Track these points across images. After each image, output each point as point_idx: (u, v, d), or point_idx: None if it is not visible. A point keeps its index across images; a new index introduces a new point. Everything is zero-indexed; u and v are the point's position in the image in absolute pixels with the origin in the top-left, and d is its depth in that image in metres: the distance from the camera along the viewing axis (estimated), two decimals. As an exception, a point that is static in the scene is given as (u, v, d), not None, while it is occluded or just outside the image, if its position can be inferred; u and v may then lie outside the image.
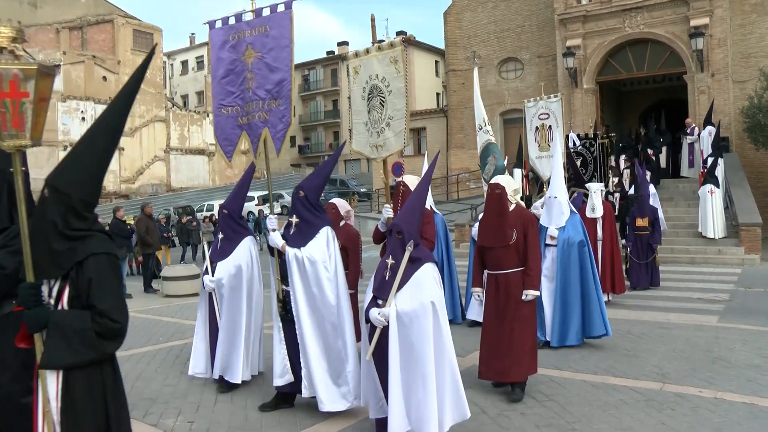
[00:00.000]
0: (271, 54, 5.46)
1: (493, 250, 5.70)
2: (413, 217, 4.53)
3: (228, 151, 5.89)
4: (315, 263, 5.06)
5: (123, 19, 40.64)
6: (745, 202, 17.05)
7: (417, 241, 4.42)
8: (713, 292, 11.42)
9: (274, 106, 5.48)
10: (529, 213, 5.83)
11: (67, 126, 36.95)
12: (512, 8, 27.39)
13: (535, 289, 5.67)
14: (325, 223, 5.31)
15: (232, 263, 6.12)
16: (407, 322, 4.19)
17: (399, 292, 4.28)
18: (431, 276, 4.33)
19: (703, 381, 5.98)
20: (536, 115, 11.21)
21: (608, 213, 10.45)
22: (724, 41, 21.46)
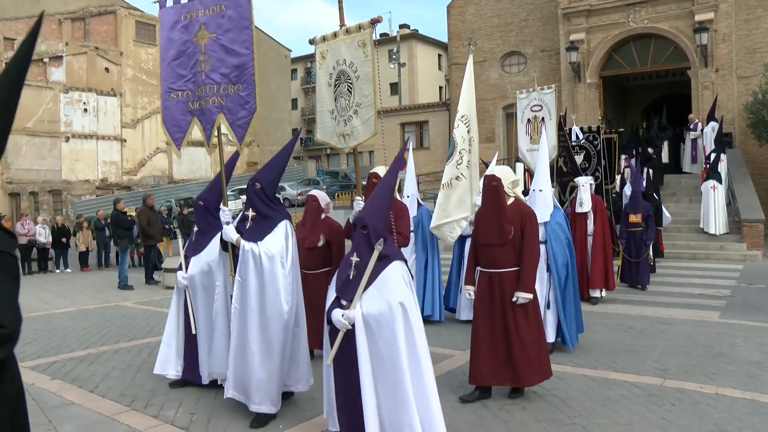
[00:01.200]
0: (227, 35, 5.09)
1: (488, 247, 5.28)
2: (380, 211, 4.16)
3: (177, 139, 5.49)
4: (273, 258, 4.81)
5: (126, 10, 40.53)
6: (748, 198, 17.02)
7: (385, 236, 4.07)
8: (715, 288, 11.41)
9: (233, 91, 5.10)
10: (528, 207, 5.44)
11: (70, 117, 36.92)
12: (516, 2, 27.29)
13: (528, 291, 5.18)
14: (284, 216, 5.04)
15: (205, 259, 5.75)
16: (374, 326, 3.87)
17: (365, 292, 3.93)
18: (400, 275, 3.99)
19: (704, 377, 5.98)
20: (528, 106, 10.95)
21: (599, 207, 10.17)
22: (729, 36, 21.38)
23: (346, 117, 5.85)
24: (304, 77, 58.93)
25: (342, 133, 5.93)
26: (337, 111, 5.95)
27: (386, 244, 4.04)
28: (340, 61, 5.82)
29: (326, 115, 6.09)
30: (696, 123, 20.20)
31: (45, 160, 35.37)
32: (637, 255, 11.43)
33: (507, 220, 5.17)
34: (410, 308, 3.92)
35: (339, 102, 5.94)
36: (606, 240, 10.09)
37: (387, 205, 4.22)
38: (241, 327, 4.87)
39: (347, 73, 5.80)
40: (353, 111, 5.79)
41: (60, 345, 8.04)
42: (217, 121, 5.18)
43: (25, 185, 34.26)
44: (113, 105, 38.89)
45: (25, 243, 18.22)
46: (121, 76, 39.52)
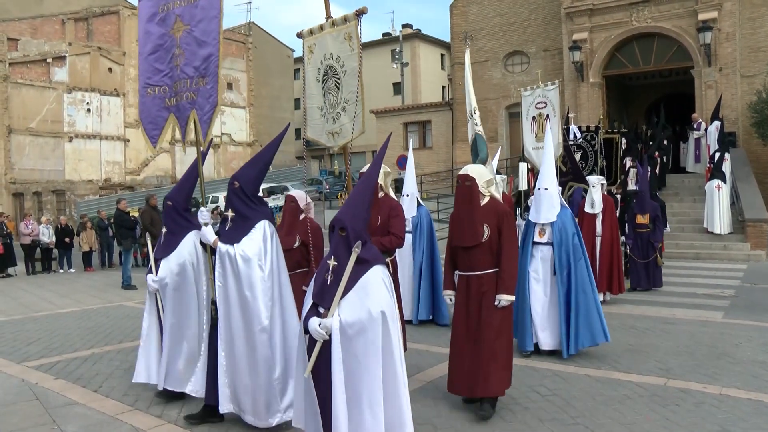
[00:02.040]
0: (199, 27, 4.89)
1: (464, 250, 5.07)
2: (359, 211, 3.89)
3: (153, 136, 5.23)
4: (249, 261, 4.59)
5: (128, 10, 40.53)
6: (752, 198, 16.99)
7: (365, 238, 3.81)
8: (718, 287, 11.38)
9: (202, 85, 4.89)
10: (504, 207, 5.18)
11: (73, 117, 36.96)
12: (518, 1, 27.25)
13: (510, 293, 4.97)
14: (263, 216, 4.81)
15: (175, 261, 5.47)
16: (352, 335, 3.63)
17: (343, 299, 3.69)
18: (381, 280, 3.74)
19: (708, 377, 5.96)
20: (533, 104, 10.60)
21: (609, 208, 9.97)
22: (733, 35, 21.32)
23: (335, 114, 5.63)
24: (307, 77, 58.85)
25: (331, 131, 5.70)
26: (326, 108, 5.72)
27: (366, 247, 3.79)
28: (327, 55, 5.61)
29: (315, 112, 5.88)
30: (699, 122, 20.16)
31: (48, 160, 35.42)
32: (644, 257, 11.20)
33: (480, 222, 4.97)
34: (391, 317, 3.71)
35: (327, 98, 5.70)
36: (615, 242, 9.96)
37: (367, 205, 3.97)
38: (227, 334, 4.69)
39: (334, 68, 5.58)
40: (341, 108, 5.56)
41: (63, 345, 8.06)
42: (190, 117, 4.96)
43: (28, 185, 34.31)
44: (116, 105, 38.92)
45: (28, 243, 18.27)
46: (124, 76, 39.54)
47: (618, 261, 9.96)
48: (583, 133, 12.46)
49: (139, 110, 5.39)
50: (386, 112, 33.19)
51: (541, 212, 6.80)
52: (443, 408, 5.24)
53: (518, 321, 6.57)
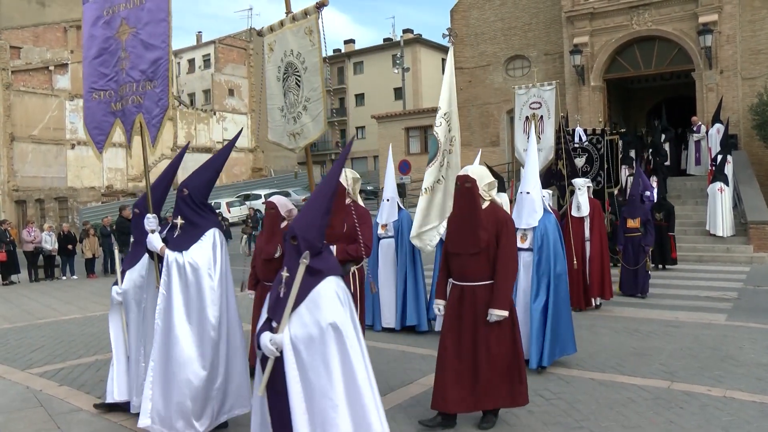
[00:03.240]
0: (146, 29, 4.77)
1: (459, 257, 4.73)
2: (313, 218, 3.67)
3: (99, 142, 5.07)
4: (197, 270, 4.46)
5: (130, 17, 40.70)
6: (754, 200, 16.97)
7: (318, 248, 3.61)
8: (721, 290, 11.36)
9: (149, 88, 4.76)
10: (505, 213, 4.86)
11: (75, 125, 37.04)
12: (519, 5, 27.29)
13: (503, 308, 4.60)
14: (212, 224, 4.70)
15: (139, 272, 5.24)
16: (304, 352, 3.44)
17: (294, 312, 3.50)
18: (333, 292, 3.55)
19: (712, 379, 5.96)
20: (527, 103, 10.34)
21: (596, 211, 9.68)
22: (734, 38, 21.33)
23: (295, 114, 5.36)
24: (308, 83, 58.99)
25: (292, 132, 5.43)
26: (286, 107, 5.45)
27: (320, 257, 3.60)
28: (288, 52, 5.34)
29: (276, 113, 5.60)
30: (699, 125, 20.16)
31: (51, 167, 35.51)
32: (635, 262, 10.82)
33: (482, 227, 4.63)
34: (346, 330, 3.50)
35: (288, 97, 5.43)
36: (603, 246, 9.68)
37: (322, 213, 3.72)
38: (164, 345, 4.47)
39: (295, 65, 5.31)
40: (302, 107, 5.30)
41: (67, 351, 8.07)
42: (136, 122, 4.83)
43: (31, 192, 34.39)
44: (118, 112, 38.98)
45: (31, 250, 18.30)
46: (126, 83, 39.61)
47: (607, 265, 9.76)
48: (588, 136, 12.27)
49: (84, 115, 5.23)
50: (387, 117, 33.22)
51: (523, 217, 6.54)
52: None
53: None
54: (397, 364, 6.72)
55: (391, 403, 5.36)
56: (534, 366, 6.17)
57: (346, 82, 56.57)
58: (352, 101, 56.37)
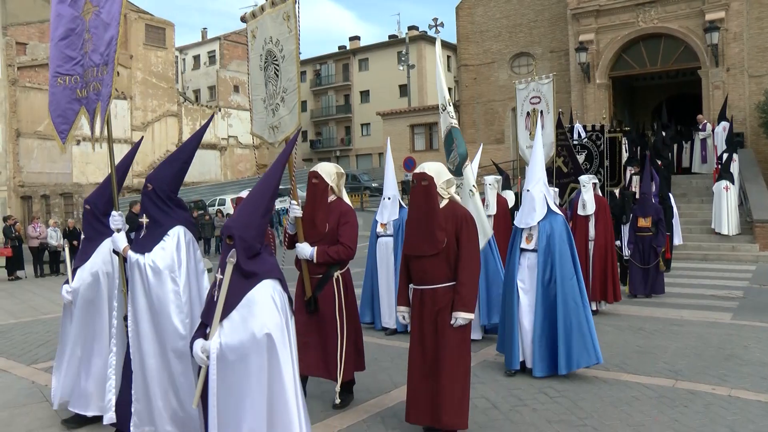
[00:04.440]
0: (105, 7, 4.40)
1: (419, 260, 4.45)
2: (253, 216, 3.45)
3: (63, 131, 4.69)
4: (159, 273, 4.12)
5: (135, 14, 40.75)
6: (760, 199, 16.91)
7: (256, 249, 3.39)
8: (727, 289, 11.32)
9: (105, 73, 4.41)
10: (464, 210, 4.57)
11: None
12: (524, 3, 27.24)
13: (468, 310, 4.33)
14: (178, 222, 4.32)
15: (88, 270, 4.91)
16: (233, 361, 3.22)
17: (225, 318, 3.27)
18: (269, 297, 3.30)
19: (717, 378, 5.94)
20: (527, 98, 10.07)
21: (602, 209, 9.25)
22: (740, 35, 21.24)
23: (274, 105, 5.09)
24: (313, 79, 59.13)
25: (272, 125, 5.13)
26: (267, 99, 5.16)
27: (257, 259, 3.38)
28: (267, 39, 5.06)
29: (260, 104, 5.28)
30: (705, 123, 20.09)
31: (56, 163, 35.59)
32: (646, 262, 10.52)
33: (439, 227, 4.35)
34: (279, 339, 3.26)
35: (268, 88, 5.14)
36: (609, 246, 9.26)
37: (263, 211, 3.49)
38: (137, 352, 4.23)
39: (274, 54, 5.03)
40: (280, 98, 5.00)
41: (72, 347, 8.07)
42: (96, 110, 4.46)
43: (36, 188, 34.48)
44: (123, 108, 39.09)
45: (36, 246, 18.36)
46: (130, 80, 39.72)
47: (613, 266, 9.28)
48: (588, 133, 12.02)
49: (49, 102, 4.77)
50: (392, 114, 33.22)
51: (522, 215, 6.31)
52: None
53: (505, 336, 6.25)
54: (401, 360, 6.69)
55: (395, 399, 5.36)
56: (543, 374, 5.95)
57: (351, 79, 56.53)
58: (357, 98, 56.34)
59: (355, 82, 56.36)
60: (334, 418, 5.03)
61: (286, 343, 3.32)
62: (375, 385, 5.81)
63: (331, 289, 5.10)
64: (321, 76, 59.34)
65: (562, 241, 6.14)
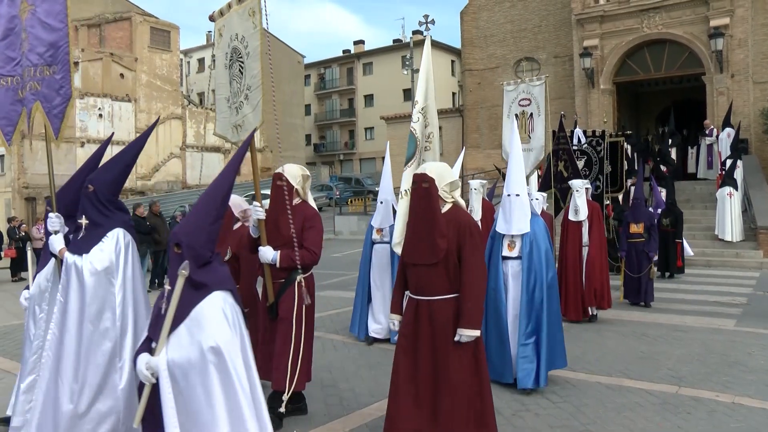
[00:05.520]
0: (43, 6, 4.27)
1: (416, 268, 4.13)
2: (203, 222, 3.20)
3: (8, 133, 4.58)
4: (97, 275, 4.03)
5: (140, 16, 40.90)
6: (764, 205, 16.86)
7: (206, 257, 3.15)
8: (730, 295, 11.29)
9: (48, 74, 4.29)
10: (468, 217, 4.24)
11: (85, 123, 37.26)
12: (529, 8, 27.26)
13: (474, 327, 3.99)
14: (117, 224, 4.23)
15: (44, 275, 4.69)
16: (181, 379, 2.99)
17: (173, 333, 3.05)
18: (219, 310, 3.07)
19: (720, 385, 5.92)
20: (516, 100, 9.84)
21: (595, 215, 9.06)
22: (745, 41, 21.21)
23: (238, 104, 4.95)
24: (317, 83, 59.26)
25: (235, 124, 5.01)
26: (231, 97, 5.05)
27: (207, 269, 3.14)
28: (233, 37, 4.94)
29: (223, 103, 5.18)
30: (711, 129, 20.07)
31: (60, 165, 35.60)
32: (638, 269, 10.17)
33: (440, 234, 4.03)
34: (231, 354, 3.02)
35: (232, 86, 5.03)
36: (603, 252, 9.09)
37: (213, 218, 3.26)
38: (56, 358, 4.02)
39: (239, 51, 4.90)
40: (244, 96, 4.87)
41: (74, 348, 8.07)
42: (33, 111, 4.36)
43: (40, 190, 34.55)
44: (128, 110, 39.21)
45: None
46: (135, 82, 39.83)
47: (607, 273, 9.15)
48: (588, 138, 11.81)
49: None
50: (396, 119, 33.23)
51: (513, 222, 5.92)
52: None
53: (493, 349, 5.82)
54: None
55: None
56: (528, 386, 5.67)
57: (356, 83, 56.64)
58: (361, 102, 56.43)
59: (359, 86, 56.46)
60: (337, 422, 5.03)
61: (239, 358, 3.06)
62: (378, 388, 5.80)
63: (291, 294, 4.89)
64: (325, 79, 59.47)
65: (546, 245, 5.99)
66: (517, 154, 6.17)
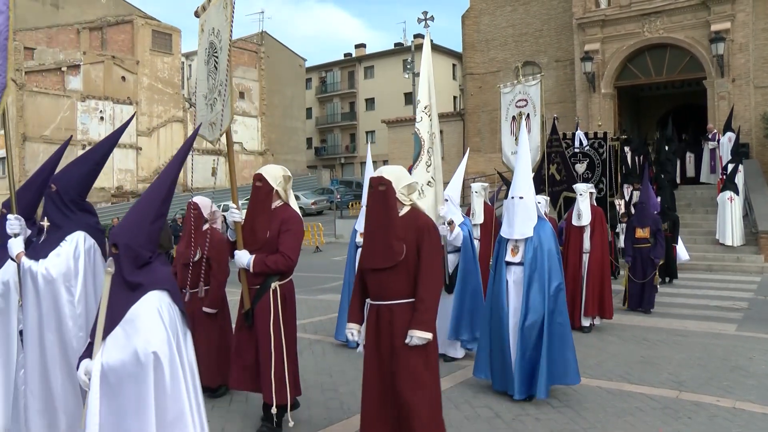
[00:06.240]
0: None
1: (375, 273, 4.00)
2: (142, 221, 3.09)
3: None
4: (52, 282, 3.76)
5: (142, 19, 41.00)
6: (765, 210, 16.85)
7: (145, 258, 3.04)
8: (731, 300, 11.28)
9: None
10: (426, 219, 4.11)
11: (86, 125, 37.36)
12: (531, 12, 27.31)
13: (426, 329, 3.82)
14: (79, 227, 3.95)
15: (1, 278, 4.41)
16: (115, 383, 2.86)
17: (109, 335, 2.93)
18: (155, 311, 2.95)
19: (721, 390, 5.91)
20: (513, 102, 9.61)
21: (598, 220, 8.75)
22: (746, 46, 21.23)
23: (212, 100, 4.81)
24: (318, 86, 59.33)
25: (210, 122, 4.86)
26: (208, 94, 4.92)
27: (145, 269, 3.03)
28: (210, 31, 4.82)
29: (201, 100, 5.04)
30: (714, 133, 20.07)
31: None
32: (643, 275, 9.95)
33: (397, 237, 3.91)
34: (166, 357, 2.90)
35: (209, 82, 4.91)
36: (604, 259, 8.78)
37: (153, 217, 3.13)
38: (31, 371, 3.82)
39: (215, 45, 4.75)
40: (218, 92, 4.69)
41: (75, 351, 8.08)
42: None
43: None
44: (129, 113, 39.25)
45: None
46: (137, 85, 39.92)
47: (609, 280, 8.81)
48: (590, 141, 11.65)
49: None
50: (398, 122, 33.27)
51: (515, 226, 5.69)
52: None
53: (494, 357, 5.71)
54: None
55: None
56: (522, 396, 5.49)
57: (357, 87, 56.69)
58: (362, 105, 56.49)
59: (360, 90, 56.52)
60: (338, 425, 5.02)
61: (176, 360, 2.95)
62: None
63: (267, 302, 4.64)
64: (326, 83, 59.54)
65: (551, 251, 5.66)
66: (525, 155, 5.95)
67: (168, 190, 3.23)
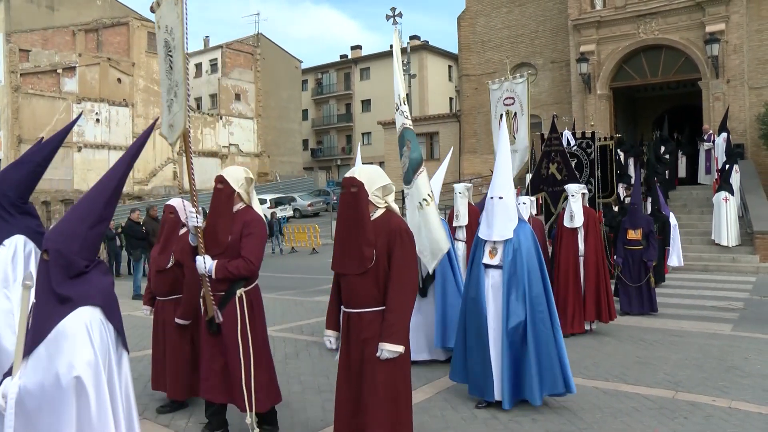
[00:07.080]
0: None
1: (346, 278, 3.86)
2: (76, 228, 2.77)
3: None
4: None
5: (138, 21, 40.93)
6: (760, 210, 16.93)
7: (79, 266, 2.73)
8: (727, 300, 11.31)
9: None
10: (399, 222, 3.92)
11: (82, 127, 37.26)
12: (526, 13, 27.37)
13: (397, 342, 3.67)
14: (17, 230, 3.70)
15: None
16: (33, 410, 2.58)
17: (31, 355, 2.63)
18: (83, 328, 2.63)
19: (717, 390, 5.92)
20: (501, 99, 9.52)
21: (592, 221, 8.55)
22: (741, 47, 21.33)
23: (169, 101, 4.61)
24: (314, 88, 59.34)
25: (169, 123, 4.68)
26: (165, 94, 4.73)
27: (77, 280, 2.72)
28: (164, 28, 4.57)
29: (164, 99, 4.82)
30: (710, 134, 20.14)
31: (57, 169, 35.66)
32: (636, 278, 9.76)
33: (367, 242, 3.75)
34: (92, 381, 2.59)
35: (166, 82, 4.70)
36: (600, 261, 8.52)
37: (92, 221, 2.81)
38: None
39: (169, 44, 4.51)
40: (174, 93, 4.51)
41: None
42: None
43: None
44: (125, 115, 39.23)
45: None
46: (133, 87, 39.85)
47: (606, 283, 8.56)
48: (577, 140, 11.15)
49: None
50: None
51: (495, 227, 5.42)
52: None
53: (473, 362, 5.47)
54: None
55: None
56: (508, 406, 5.25)
57: (353, 88, 56.71)
58: (358, 107, 56.51)
59: (356, 91, 56.55)
60: (334, 427, 5.02)
61: (102, 387, 2.64)
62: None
63: (233, 309, 4.46)
64: (322, 84, 59.55)
65: (530, 255, 5.40)
66: (505, 154, 5.73)
67: (113, 191, 2.92)
